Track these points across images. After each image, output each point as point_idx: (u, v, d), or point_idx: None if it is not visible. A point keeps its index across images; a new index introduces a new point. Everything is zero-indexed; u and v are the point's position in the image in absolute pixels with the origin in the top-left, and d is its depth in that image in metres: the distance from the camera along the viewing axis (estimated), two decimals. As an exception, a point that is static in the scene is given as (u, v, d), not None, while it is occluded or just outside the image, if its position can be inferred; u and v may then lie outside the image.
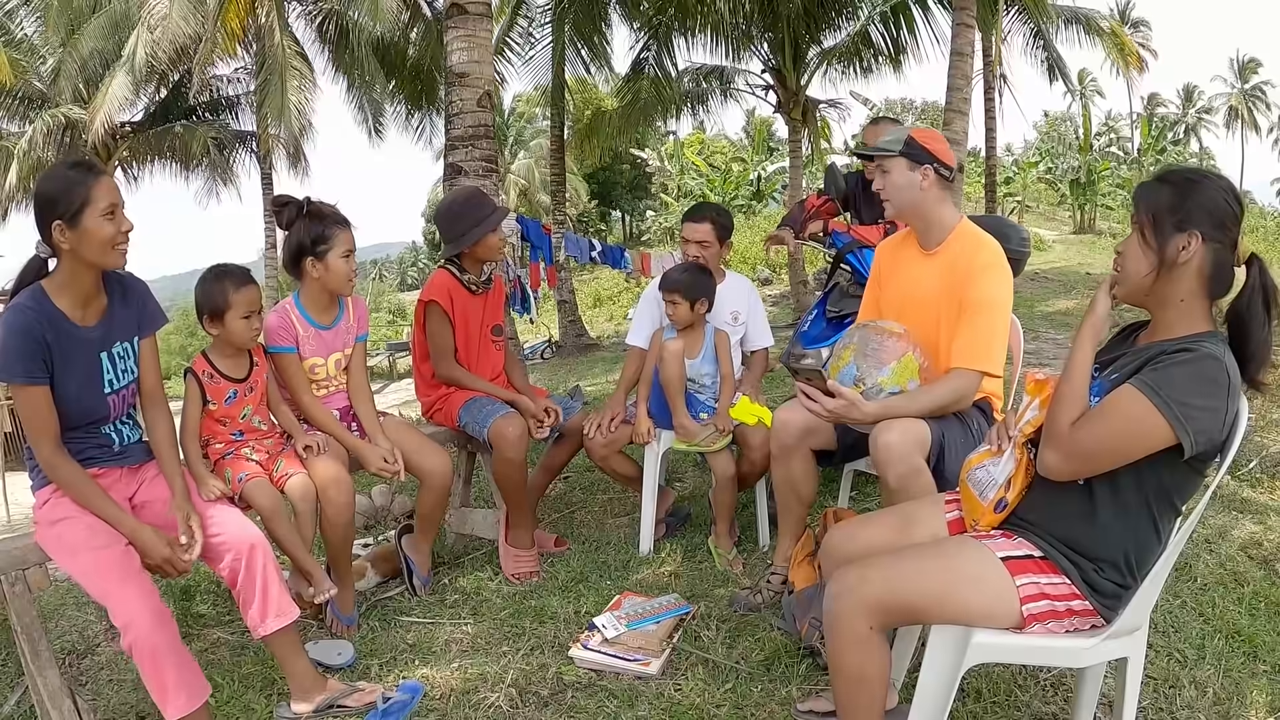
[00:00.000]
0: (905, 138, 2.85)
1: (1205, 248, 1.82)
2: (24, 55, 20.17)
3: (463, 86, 6.29)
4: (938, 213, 2.89)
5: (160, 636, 2.30)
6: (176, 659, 2.34)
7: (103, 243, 2.37)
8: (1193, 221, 1.83)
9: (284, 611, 2.65)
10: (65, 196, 2.33)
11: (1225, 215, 1.82)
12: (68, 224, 2.34)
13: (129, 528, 2.45)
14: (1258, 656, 2.72)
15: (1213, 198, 1.83)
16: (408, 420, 3.95)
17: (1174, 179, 1.90)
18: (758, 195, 35.35)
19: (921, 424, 2.63)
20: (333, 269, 3.22)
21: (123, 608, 2.30)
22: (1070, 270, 17.18)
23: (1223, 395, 1.75)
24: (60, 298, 2.43)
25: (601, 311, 26.69)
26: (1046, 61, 19.91)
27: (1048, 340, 9.27)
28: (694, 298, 3.69)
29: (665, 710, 2.60)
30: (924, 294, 2.90)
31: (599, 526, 4.32)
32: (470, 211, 3.78)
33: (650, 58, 15.58)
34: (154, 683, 2.32)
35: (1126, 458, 1.81)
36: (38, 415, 2.39)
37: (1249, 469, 4.45)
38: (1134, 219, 1.95)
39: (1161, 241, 1.86)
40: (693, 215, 3.94)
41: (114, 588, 2.34)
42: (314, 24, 19.17)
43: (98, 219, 2.35)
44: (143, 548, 2.43)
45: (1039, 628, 1.90)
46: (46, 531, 2.49)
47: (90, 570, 2.38)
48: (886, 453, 2.56)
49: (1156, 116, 48.20)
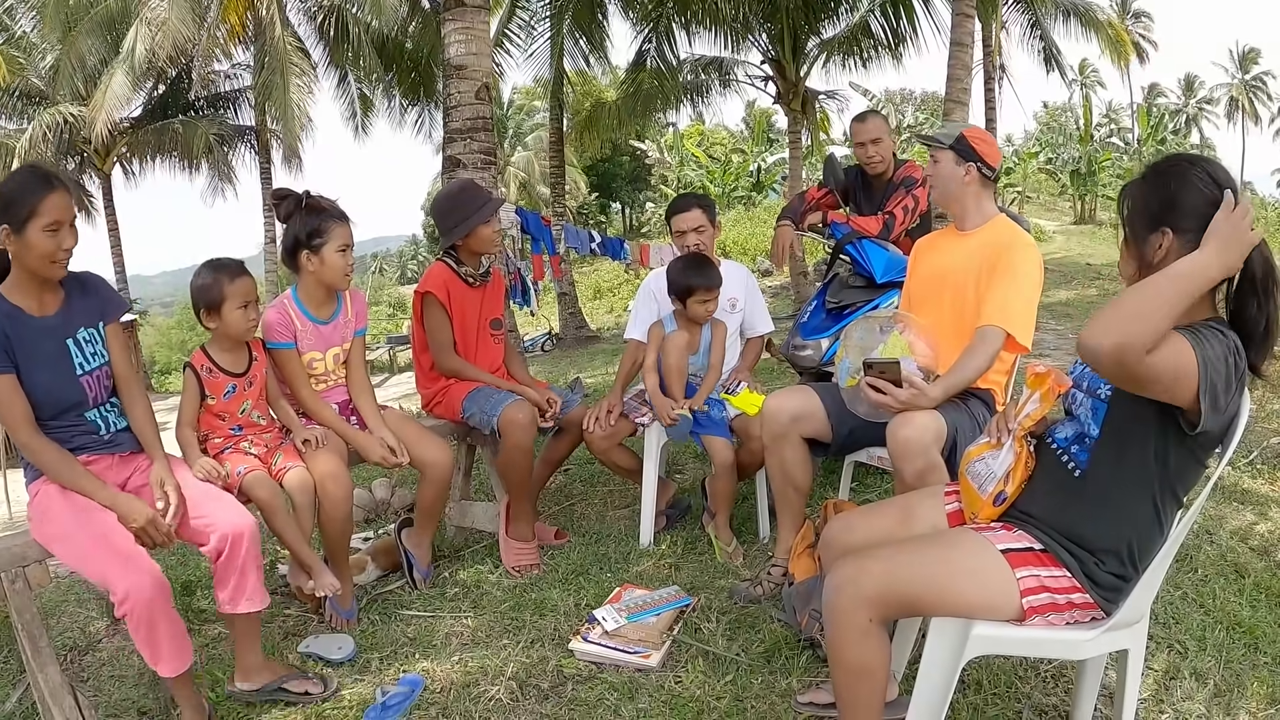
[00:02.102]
0: (958, 134, 3.00)
1: (1178, 241, 1.80)
2: (22, 53, 20.18)
3: (460, 79, 6.28)
4: (976, 204, 3.07)
5: (156, 605, 2.37)
6: (169, 625, 2.42)
7: (41, 256, 2.44)
8: (1164, 218, 1.82)
9: (255, 599, 2.69)
10: (14, 204, 2.40)
11: (1201, 204, 1.79)
12: (13, 230, 2.40)
13: (107, 496, 2.49)
14: (1258, 648, 2.72)
15: (1184, 189, 1.81)
16: (408, 414, 3.94)
17: (1151, 174, 1.90)
18: (758, 186, 35.33)
19: (938, 417, 2.66)
20: (328, 263, 3.21)
21: (121, 581, 2.34)
22: (1071, 261, 17.18)
23: (1235, 380, 1.74)
24: (13, 294, 2.50)
25: (602, 304, 26.67)
26: (1043, 52, 19.89)
27: (1049, 331, 9.27)
28: (719, 283, 3.74)
29: (665, 703, 2.59)
30: (958, 264, 3.03)
31: (599, 519, 4.32)
32: (463, 204, 3.78)
33: (652, 49, 15.55)
34: (148, 647, 2.41)
35: (1156, 381, 1.68)
36: (9, 404, 2.45)
37: (1250, 460, 4.45)
38: (1122, 219, 1.96)
39: (1139, 243, 1.87)
40: (679, 207, 3.94)
41: (110, 563, 2.38)
42: (314, 20, 19.11)
43: (40, 232, 2.41)
44: (122, 513, 2.46)
45: (1039, 620, 1.89)
46: (40, 523, 2.52)
47: (85, 551, 2.42)
48: (905, 447, 2.59)
49: (1157, 107, 48.14)
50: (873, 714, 1.96)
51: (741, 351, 4.11)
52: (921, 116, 40.30)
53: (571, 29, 15.11)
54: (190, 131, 20.73)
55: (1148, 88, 54.76)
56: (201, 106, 22.36)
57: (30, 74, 20.42)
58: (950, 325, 2.97)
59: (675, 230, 3.90)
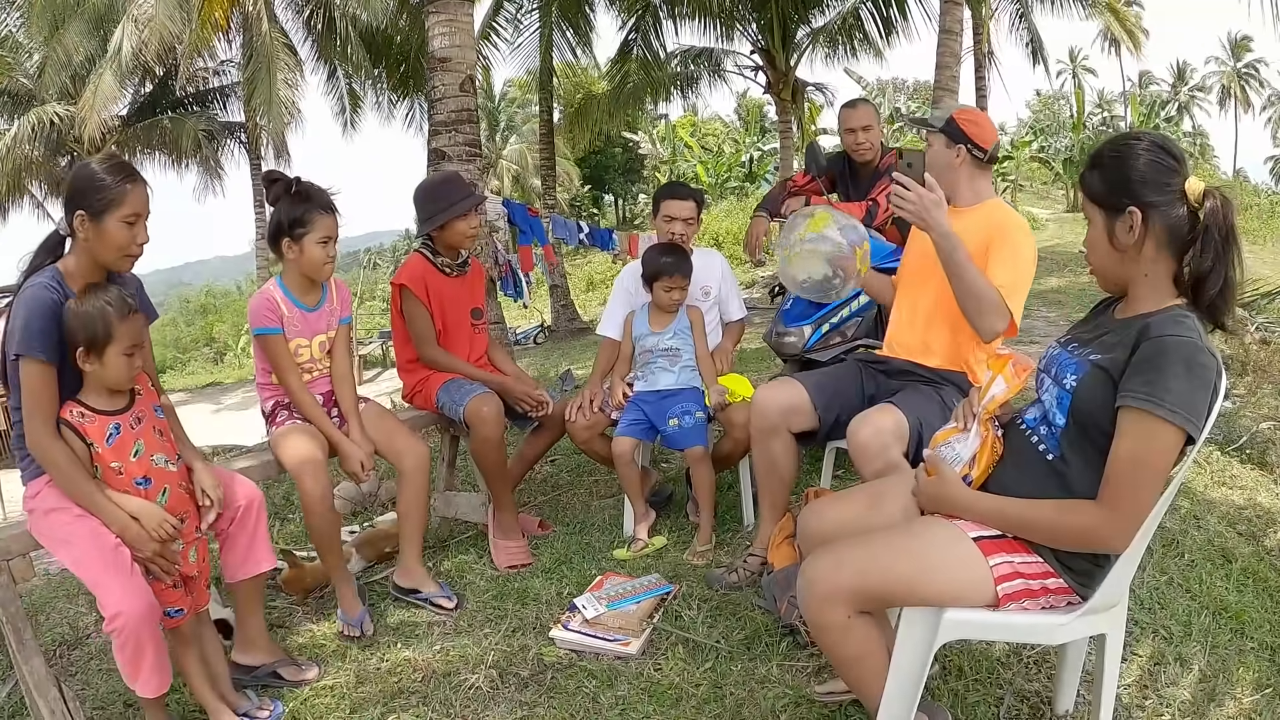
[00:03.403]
0: (949, 116, 2.97)
1: (1149, 216, 1.81)
2: (8, 52, 20.09)
3: (445, 71, 6.24)
4: (970, 185, 3.02)
5: (145, 629, 2.33)
6: (155, 649, 2.37)
7: (116, 247, 2.44)
8: (1127, 196, 1.82)
9: (263, 560, 2.77)
10: (96, 190, 2.39)
11: (1158, 173, 1.80)
12: (90, 217, 2.39)
13: (118, 521, 2.40)
14: (1245, 633, 2.72)
15: (1136, 163, 1.82)
16: (388, 409, 3.91)
17: (1099, 160, 1.89)
18: (750, 177, 35.32)
19: (899, 415, 2.67)
20: (307, 253, 3.16)
21: (111, 598, 2.31)
22: (1063, 249, 17.12)
23: (1211, 377, 1.74)
24: (73, 284, 2.45)
25: (594, 295, 26.60)
26: (1030, 45, 19.88)
27: (1040, 318, 9.26)
28: (690, 275, 3.76)
29: (644, 690, 2.59)
30: None
31: (584, 509, 4.31)
32: (440, 196, 3.76)
33: (638, 39, 15.52)
34: (130, 667, 2.36)
35: (1163, 478, 1.77)
36: (42, 394, 2.38)
37: (1238, 446, 4.45)
38: (1084, 212, 1.95)
39: (1109, 228, 1.86)
40: (677, 193, 3.91)
41: (105, 578, 2.34)
42: (300, 14, 19.05)
43: (118, 223, 2.41)
44: (130, 541, 2.40)
45: (1014, 607, 1.88)
46: (40, 521, 2.48)
47: (82, 560, 2.38)
48: (864, 450, 2.62)
49: (1149, 95, 48.14)
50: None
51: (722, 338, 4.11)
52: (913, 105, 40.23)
53: (559, 21, 15.07)
54: (179, 128, 20.70)
55: (1139, 76, 54.70)
56: (190, 103, 22.30)
57: (18, 74, 20.33)
58: (941, 304, 2.92)
59: (665, 214, 3.87)
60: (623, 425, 3.75)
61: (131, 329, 2.41)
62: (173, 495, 2.54)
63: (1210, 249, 1.79)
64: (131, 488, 2.46)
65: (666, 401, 3.69)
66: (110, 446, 2.44)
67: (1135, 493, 1.74)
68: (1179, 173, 1.81)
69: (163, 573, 2.46)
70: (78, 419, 2.42)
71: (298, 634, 3.19)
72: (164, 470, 2.54)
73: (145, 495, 2.48)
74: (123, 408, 2.50)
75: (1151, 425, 1.72)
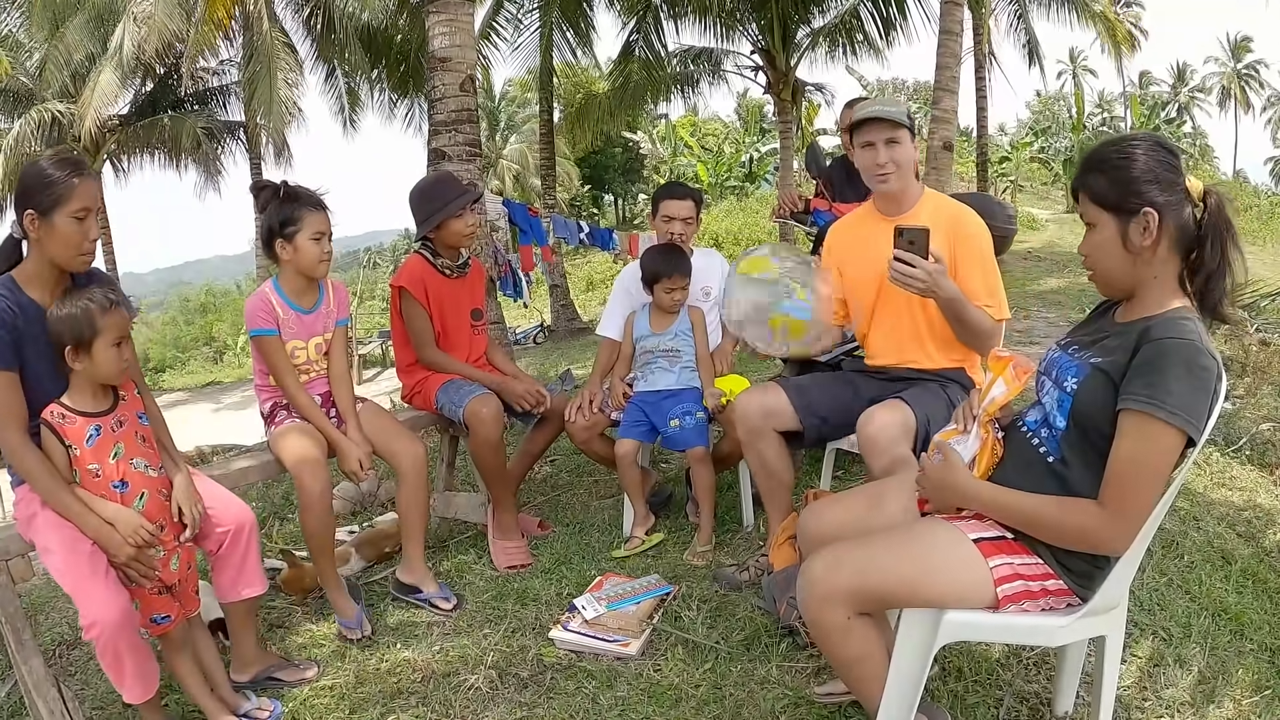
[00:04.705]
0: (906, 110, 2.90)
1: (1165, 215, 1.80)
2: (9, 51, 20.06)
3: (445, 71, 6.23)
4: (915, 182, 2.97)
5: (122, 637, 2.32)
6: (135, 655, 2.38)
7: (66, 243, 2.40)
8: (1140, 198, 1.80)
9: (254, 584, 2.76)
10: (44, 187, 2.35)
11: (1165, 171, 1.80)
12: (39, 215, 2.36)
13: (92, 526, 2.38)
14: (1244, 634, 2.71)
15: (1145, 162, 1.81)
16: (385, 410, 3.90)
17: (1103, 163, 1.87)
18: (750, 177, 35.32)
19: (907, 411, 2.65)
20: (301, 250, 3.15)
21: (89, 606, 2.30)
22: (1063, 249, 17.13)
23: (1211, 380, 1.74)
24: (30, 287, 2.43)
25: (594, 295, 26.60)
26: (1027, 46, 19.89)
27: (1040, 319, 9.24)
28: (689, 273, 3.75)
29: (644, 690, 2.59)
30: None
31: (584, 509, 4.31)
32: (435, 196, 3.76)
33: (640, 40, 15.51)
34: (112, 673, 2.39)
35: (1163, 481, 1.77)
36: (6, 402, 2.36)
37: (1238, 447, 4.44)
38: (1084, 217, 1.92)
39: (1122, 232, 1.84)
40: (675, 193, 3.91)
41: (82, 585, 2.33)
42: (300, 14, 19.03)
43: (67, 219, 2.37)
44: (106, 547, 2.38)
45: (1014, 608, 1.88)
46: (24, 527, 2.48)
47: (61, 567, 2.37)
48: (873, 443, 2.60)
49: (1149, 95, 48.12)
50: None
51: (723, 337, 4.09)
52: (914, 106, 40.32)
53: (559, 21, 15.06)
54: (179, 126, 20.66)
55: (1139, 76, 54.71)
56: (190, 102, 22.27)
57: (18, 72, 20.32)
58: (922, 323, 2.91)
59: (663, 215, 3.87)
60: (625, 426, 3.75)
61: (116, 321, 2.42)
62: (151, 501, 2.51)
63: (1217, 245, 1.79)
64: (109, 490, 2.44)
65: (667, 402, 3.69)
66: (90, 448, 2.42)
67: (1136, 495, 1.74)
68: (1179, 170, 1.81)
69: (141, 578, 2.43)
70: (58, 420, 2.41)
71: (297, 634, 3.19)
72: (143, 475, 2.51)
73: (122, 499, 2.45)
74: (105, 409, 2.49)
75: (1152, 428, 1.72)
